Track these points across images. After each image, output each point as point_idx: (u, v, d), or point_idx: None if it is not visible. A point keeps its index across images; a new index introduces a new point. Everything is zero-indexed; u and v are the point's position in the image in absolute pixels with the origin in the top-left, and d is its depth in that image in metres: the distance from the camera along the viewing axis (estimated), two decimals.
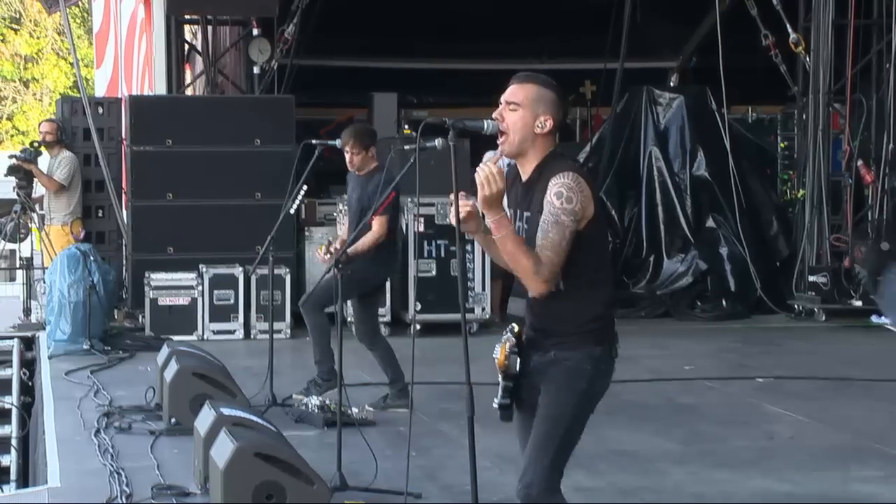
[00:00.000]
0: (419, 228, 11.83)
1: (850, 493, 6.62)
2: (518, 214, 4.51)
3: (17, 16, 36.28)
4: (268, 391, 8.58)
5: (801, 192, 13.87)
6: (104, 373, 10.09)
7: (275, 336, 9.21)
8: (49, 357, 10.73)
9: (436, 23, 15.41)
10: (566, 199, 4.33)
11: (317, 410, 8.06)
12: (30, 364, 11.56)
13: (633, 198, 14.28)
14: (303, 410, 8.20)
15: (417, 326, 10.45)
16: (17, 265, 15.74)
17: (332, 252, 8.18)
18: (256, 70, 13.75)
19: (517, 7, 15.42)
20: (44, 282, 12.02)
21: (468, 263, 12.00)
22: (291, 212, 9.20)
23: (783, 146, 15.12)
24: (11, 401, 11.26)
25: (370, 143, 8.69)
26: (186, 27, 14.59)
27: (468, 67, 16.04)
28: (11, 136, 35.63)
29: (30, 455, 10.16)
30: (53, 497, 6.63)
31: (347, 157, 8.69)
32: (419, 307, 11.57)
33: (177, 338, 10.73)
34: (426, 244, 11.92)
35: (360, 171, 8.67)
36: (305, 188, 8.87)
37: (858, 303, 12.98)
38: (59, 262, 11.25)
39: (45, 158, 13.51)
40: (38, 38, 35.94)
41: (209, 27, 13.88)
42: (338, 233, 9.83)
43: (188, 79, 14.78)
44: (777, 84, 14.38)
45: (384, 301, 11.18)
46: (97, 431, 7.89)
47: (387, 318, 11.67)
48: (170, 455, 7.28)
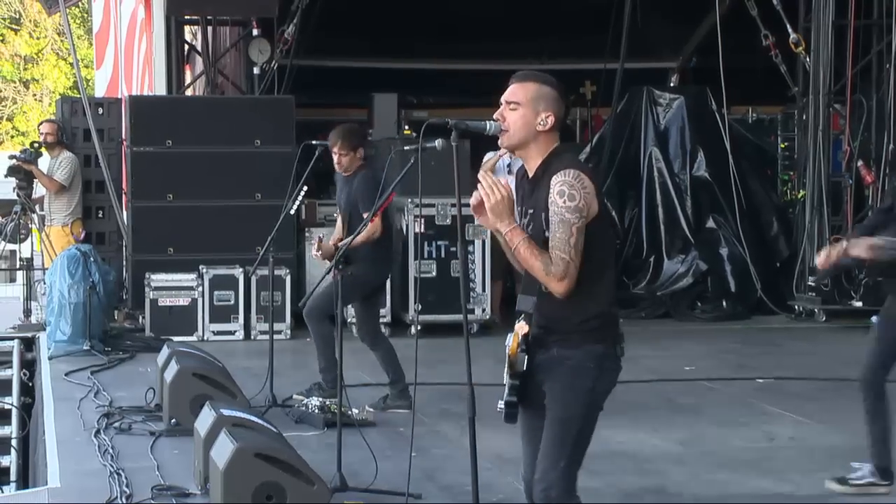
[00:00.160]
0: (419, 229, 11.81)
1: (850, 494, 6.61)
2: (524, 212, 4.51)
3: (17, 16, 36.29)
4: (268, 392, 8.58)
5: (802, 193, 13.86)
6: (104, 373, 10.09)
7: (275, 337, 9.20)
8: (49, 358, 10.72)
9: (436, 23, 15.41)
10: (569, 197, 4.34)
11: (317, 411, 8.06)
12: (30, 365, 11.57)
13: (634, 198, 14.28)
14: (303, 411, 8.20)
15: (418, 327, 10.42)
16: (18, 266, 15.74)
17: (322, 245, 8.20)
18: (256, 70, 13.75)
19: (517, 7, 15.41)
20: (44, 282, 12.02)
21: (469, 264, 11.97)
22: (291, 212, 9.19)
23: (783, 147, 15.11)
24: (12, 401, 11.27)
25: (359, 144, 8.62)
26: (186, 27, 14.59)
27: (468, 68, 16.03)
28: (11, 137, 35.63)
29: (30, 456, 10.16)
30: (53, 497, 6.63)
31: (335, 159, 8.62)
32: (419, 308, 11.57)
33: (177, 338, 10.73)
34: (426, 245, 11.90)
35: (347, 172, 8.63)
36: (305, 189, 8.85)
37: (859, 303, 12.95)
38: (60, 263, 11.24)
39: (46, 159, 13.50)
40: (38, 39, 35.95)
41: (209, 27, 13.88)
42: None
43: (188, 79, 14.78)
44: (777, 84, 14.37)
45: (384, 302, 11.16)
46: (97, 432, 7.89)
47: (387, 319, 11.65)
48: (170, 456, 7.28)
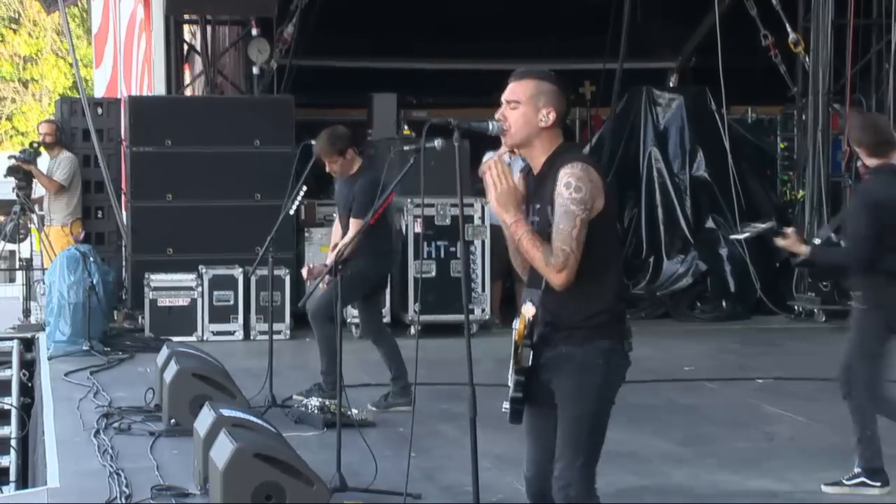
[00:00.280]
0: (419, 229, 11.80)
1: (850, 494, 6.61)
2: (530, 208, 4.49)
3: (16, 16, 36.27)
4: (267, 392, 8.58)
5: (801, 193, 13.86)
6: (104, 374, 10.08)
7: (274, 337, 9.19)
8: (48, 358, 10.72)
9: (435, 23, 15.39)
10: (575, 189, 4.32)
11: (316, 411, 8.05)
12: (29, 365, 11.56)
13: (633, 198, 14.27)
14: (302, 411, 8.19)
15: (418, 327, 10.41)
16: (17, 266, 15.74)
17: (311, 271, 8.21)
18: (256, 70, 13.74)
19: (517, 7, 15.39)
20: (43, 283, 12.02)
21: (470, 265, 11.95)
22: (291, 212, 9.17)
23: (783, 147, 15.11)
24: (11, 402, 11.26)
25: (344, 147, 8.48)
26: (186, 27, 14.59)
27: (468, 68, 16.00)
28: (11, 137, 35.63)
29: (29, 456, 10.15)
30: (53, 498, 6.62)
31: (328, 167, 8.58)
32: (419, 308, 11.55)
33: (176, 339, 10.72)
34: (426, 245, 11.88)
35: (345, 175, 8.57)
36: (305, 189, 8.84)
37: None
38: (59, 263, 11.24)
39: (45, 159, 13.49)
40: (37, 39, 35.93)
41: (208, 27, 13.88)
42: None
43: (187, 79, 14.78)
44: (777, 84, 14.37)
45: (384, 301, 11.15)
46: (97, 432, 7.89)
47: (387, 319, 11.62)
48: (169, 456, 7.28)
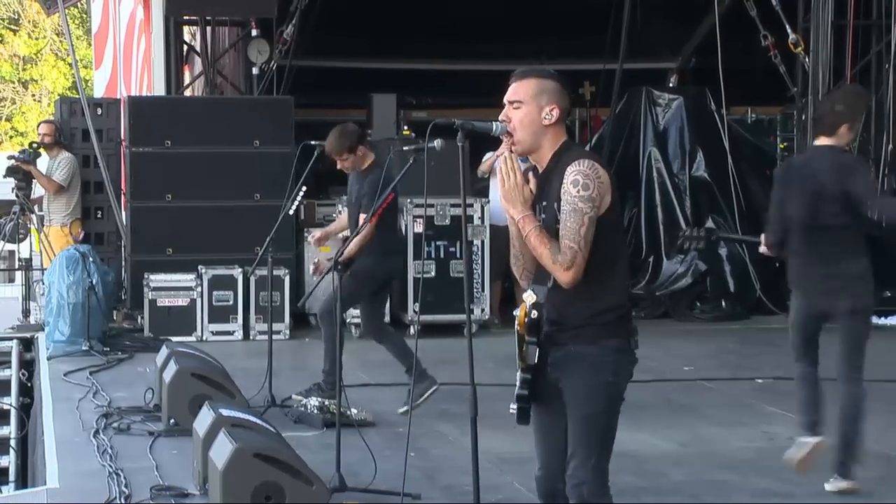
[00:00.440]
0: (419, 229, 11.79)
1: (850, 494, 6.61)
2: (537, 207, 4.48)
3: (16, 16, 36.29)
4: (267, 392, 8.58)
5: None
6: (103, 374, 10.08)
7: (274, 337, 9.19)
8: (48, 358, 10.72)
9: (435, 23, 15.40)
10: (583, 187, 4.31)
11: (316, 411, 8.05)
12: (29, 365, 11.55)
13: (633, 198, 14.26)
14: (302, 411, 8.19)
15: (418, 327, 10.41)
16: (16, 266, 15.74)
17: (314, 241, 8.22)
18: (255, 71, 13.74)
19: (517, 7, 15.40)
20: (43, 283, 12.01)
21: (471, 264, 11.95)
22: (290, 213, 9.18)
23: (782, 147, 15.12)
24: (10, 402, 11.25)
25: (354, 143, 8.54)
26: (185, 28, 14.60)
27: (468, 68, 16.02)
28: (10, 138, 35.64)
29: (29, 456, 10.15)
30: (52, 498, 6.62)
31: (339, 165, 8.63)
32: (419, 308, 11.55)
33: (176, 339, 10.71)
34: (426, 245, 11.87)
35: (359, 170, 8.63)
36: (304, 189, 8.85)
37: None
38: (58, 263, 11.23)
39: (44, 159, 13.49)
40: (37, 39, 35.95)
41: (208, 28, 13.88)
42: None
43: (187, 80, 14.78)
44: (776, 85, 14.36)
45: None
46: (96, 432, 7.89)
47: (386, 319, 11.62)
48: (169, 456, 7.28)
